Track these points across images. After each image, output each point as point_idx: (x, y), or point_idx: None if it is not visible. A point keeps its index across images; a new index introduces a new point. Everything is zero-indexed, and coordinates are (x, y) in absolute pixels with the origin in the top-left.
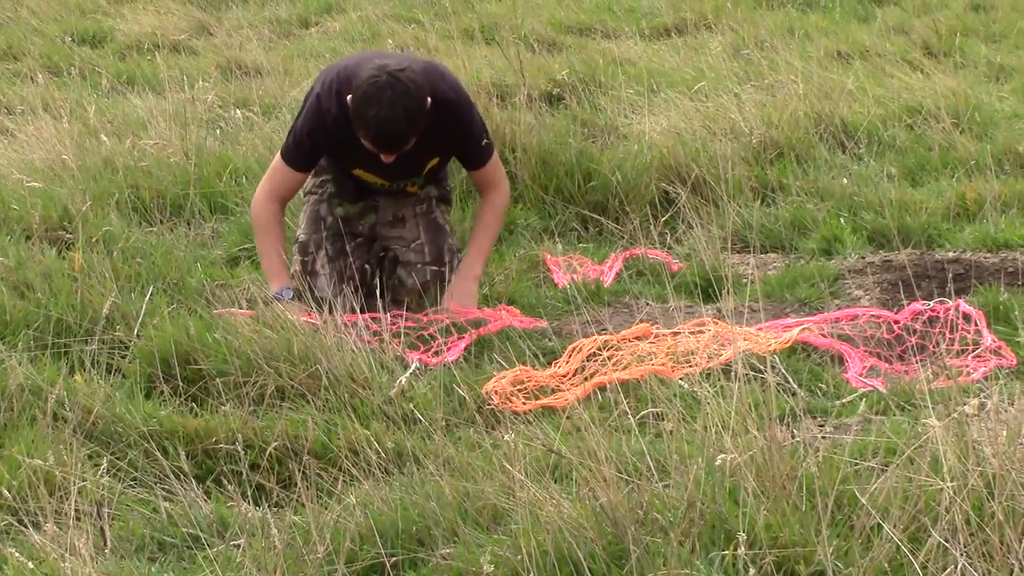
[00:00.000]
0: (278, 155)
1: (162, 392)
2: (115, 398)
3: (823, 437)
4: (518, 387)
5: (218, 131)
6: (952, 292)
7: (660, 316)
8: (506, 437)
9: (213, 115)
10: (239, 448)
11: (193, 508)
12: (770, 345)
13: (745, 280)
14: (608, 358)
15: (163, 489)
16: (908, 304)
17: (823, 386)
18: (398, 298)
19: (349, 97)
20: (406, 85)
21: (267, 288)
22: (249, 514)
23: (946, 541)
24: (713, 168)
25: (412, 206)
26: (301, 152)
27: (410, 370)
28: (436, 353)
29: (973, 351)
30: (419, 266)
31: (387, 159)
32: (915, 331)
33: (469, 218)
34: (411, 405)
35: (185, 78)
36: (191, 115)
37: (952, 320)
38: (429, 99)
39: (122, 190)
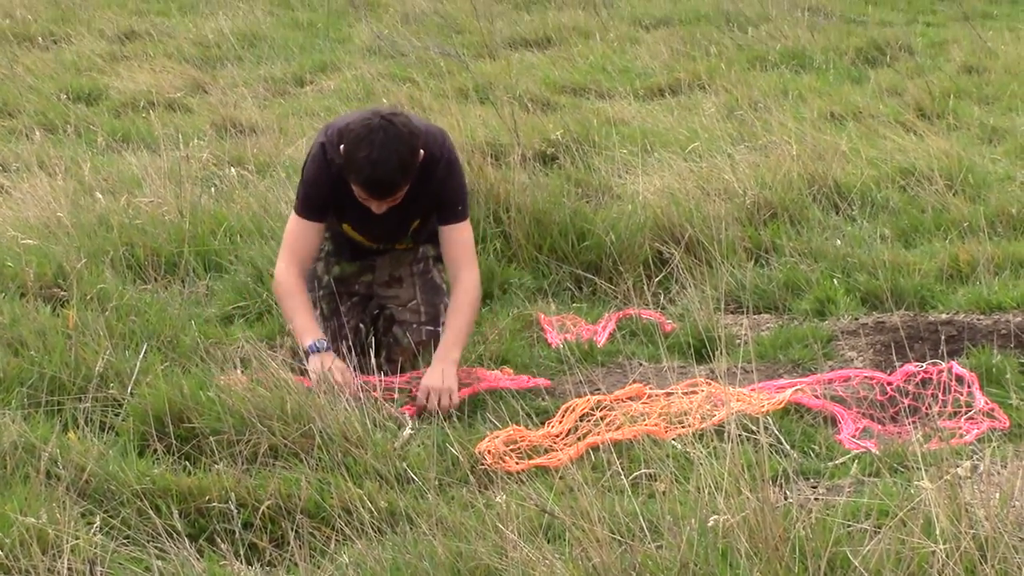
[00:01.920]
0: (291, 214)
1: (155, 450)
2: (108, 456)
3: (816, 499)
4: (511, 447)
5: (212, 189)
6: (945, 354)
7: (653, 376)
8: (499, 497)
9: (208, 173)
10: (232, 507)
11: (186, 567)
12: (763, 406)
13: (738, 341)
14: (601, 418)
15: (156, 548)
16: (901, 366)
17: (816, 447)
18: (393, 357)
19: (343, 143)
20: (399, 129)
21: (296, 343)
22: (242, 573)
23: None
24: (707, 228)
25: (409, 265)
26: (311, 202)
27: (409, 427)
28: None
29: (966, 413)
30: (414, 325)
31: (378, 209)
32: (908, 393)
33: None
34: (404, 464)
35: (180, 136)
36: (186, 173)
37: (945, 382)
38: (421, 151)
39: (117, 248)
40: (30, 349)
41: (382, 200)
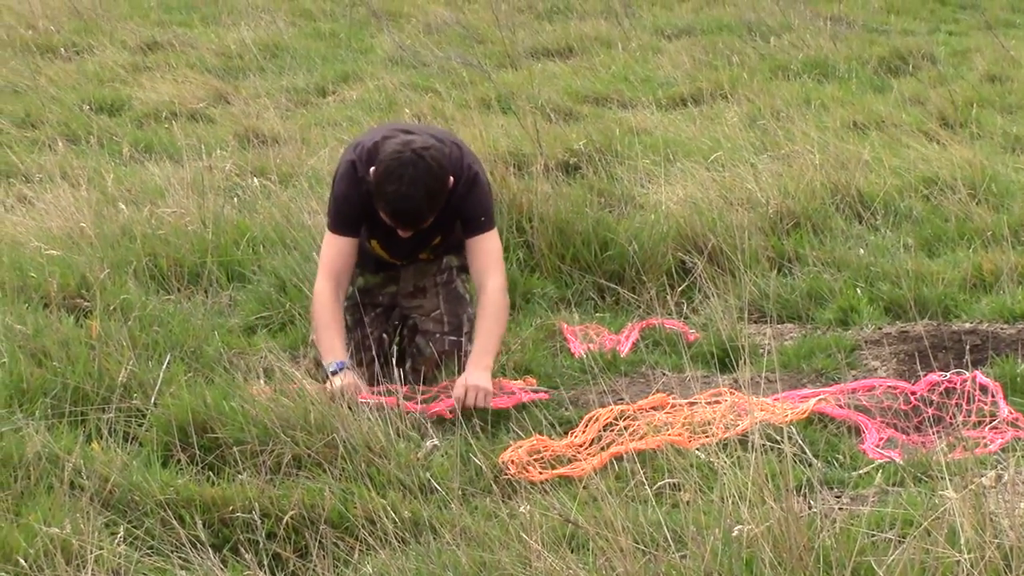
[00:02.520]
0: (326, 233)
1: (179, 460)
2: (132, 466)
3: (840, 508)
4: (534, 457)
5: (235, 199)
6: (969, 363)
7: (677, 386)
8: (522, 507)
9: (230, 183)
10: (256, 517)
11: None
12: (787, 416)
13: (762, 350)
14: (625, 428)
15: (180, 558)
16: (925, 375)
17: (840, 457)
18: (416, 367)
19: (372, 169)
20: (429, 164)
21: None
22: None
23: None
24: (730, 238)
25: (433, 276)
26: (343, 217)
27: (432, 439)
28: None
29: (990, 422)
30: (437, 335)
31: (404, 233)
32: (932, 402)
33: None
34: (428, 474)
35: (203, 146)
36: (208, 183)
37: (969, 391)
38: (451, 179)
39: (140, 258)
40: (53, 360)
41: (408, 230)
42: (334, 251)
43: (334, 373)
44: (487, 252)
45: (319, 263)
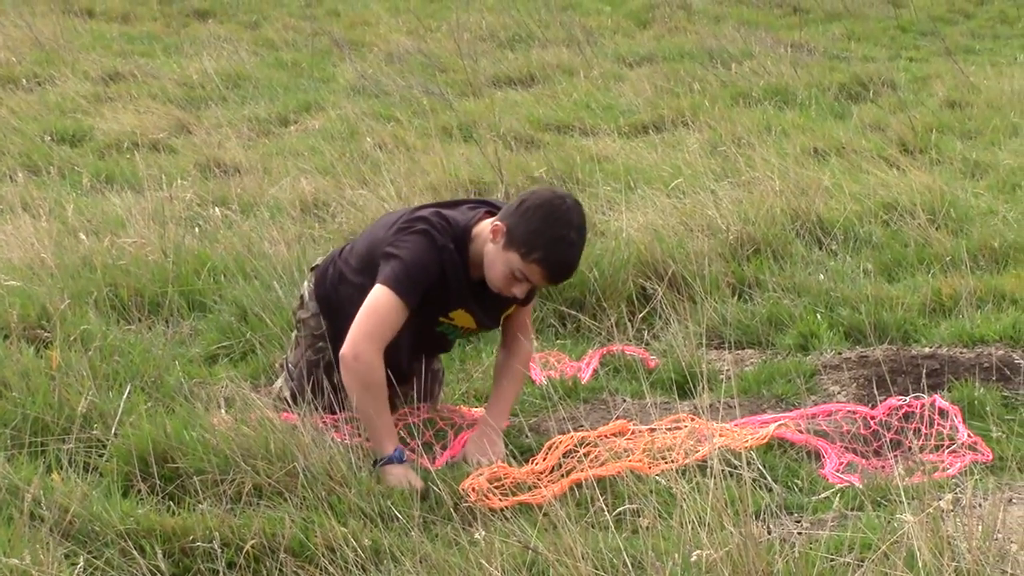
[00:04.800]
0: (385, 293)
1: (139, 490)
2: (92, 497)
3: (799, 533)
4: (495, 484)
5: (196, 229)
6: (928, 387)
7: (637, 413)
8: (477, 534)
9: (192, 213)
10: (216, 547)
11: None
12: (746, 441)
13: (722, 376)
14: (585, 455)
15: None
16: (884, 400)
17: (799, 482)
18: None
19: (518, 214)
20: (585, 215)
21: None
22: None
23: None
24: (690, 264)
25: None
26: (416, 286)
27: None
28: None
29: (949, 446)
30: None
31: (521, 293)
32: (891, 426)
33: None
34: (388, 502)
35: (164, 176)
36: (169, 213)
37: (928, 416)
38: None
39: (100, 288)
40: (13, 390)
41: (558, 282)
42: (394, 320)
43: (400, 461)
44: (528, 311)
45: (370, 323)
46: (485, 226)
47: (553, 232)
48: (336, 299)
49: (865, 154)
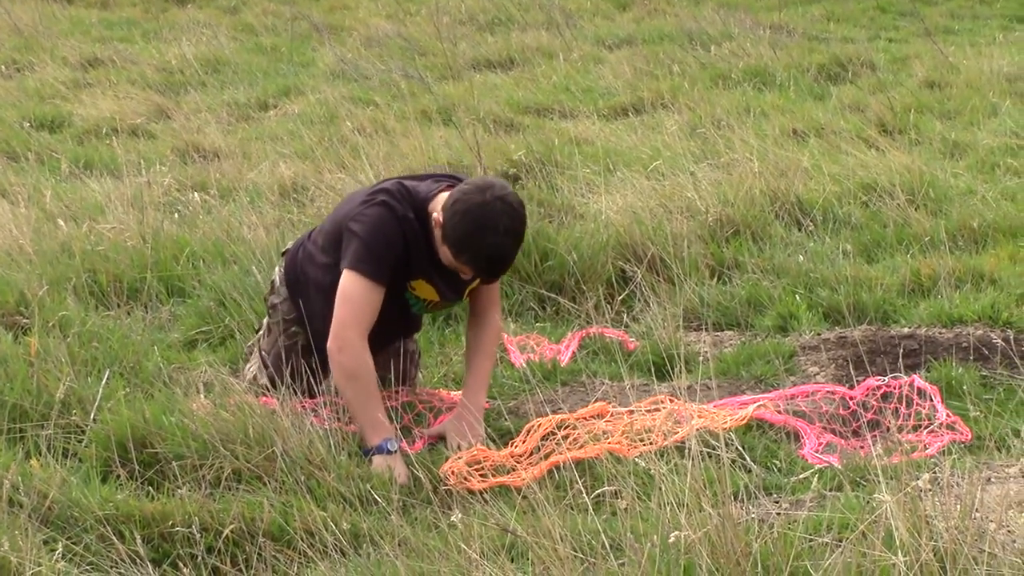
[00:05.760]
0: (353, 278)
1: (118, 476)
2: (71, 483)
3: (778, 513)
4: (474, 467)
5: (175, 215)
6: (906, 367)
7: (616, 395)
8: (454, 517)
9: (170, 199)
10: (195, 531)
11: None
12: (725, 422)
13: (701, 358)
14: (564, 437)
15: (119, 574)
16: (863, 380)
17: (778, 462)
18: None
19: (449, 214)
20: (518, 210)
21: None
22: None
23: None
24: (669, 246)
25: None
26: (381, 262)
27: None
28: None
29: (927, 426)
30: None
31: (466, 276)
32: (870, 407)
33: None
34: (367, 485)
35: (143, 162)
36: (148, 199)
37: (907, 395)
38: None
39: (79, 274)
40: None
41: (495, 278)
42: (372, 302)
43: (390, 453)
44: (495, 287)
45: (348, 311)
46: (439, 201)
47: (480, 235)
48: (304, 280)
49: (844, 135)
